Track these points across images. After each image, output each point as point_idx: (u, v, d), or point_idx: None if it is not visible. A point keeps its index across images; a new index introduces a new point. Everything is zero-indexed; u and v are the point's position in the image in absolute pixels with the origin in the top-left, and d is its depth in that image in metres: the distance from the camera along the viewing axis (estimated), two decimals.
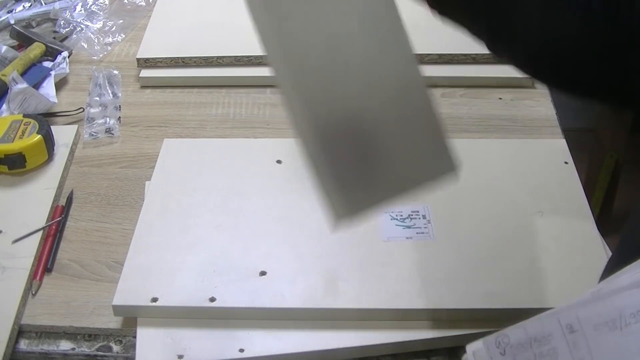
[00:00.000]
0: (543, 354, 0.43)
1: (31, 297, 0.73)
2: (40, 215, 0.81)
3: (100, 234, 0.80)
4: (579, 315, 0.42)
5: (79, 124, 0.95)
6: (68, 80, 1.04)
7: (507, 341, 0.43)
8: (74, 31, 1.11)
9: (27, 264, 0.75)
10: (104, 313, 0.71)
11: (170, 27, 1.09)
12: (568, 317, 0.42)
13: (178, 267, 0.72)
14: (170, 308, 0.69)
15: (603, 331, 0.42)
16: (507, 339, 0.43)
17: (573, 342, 0.42)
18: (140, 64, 1.03)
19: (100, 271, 0.76)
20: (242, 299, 0.69)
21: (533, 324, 0.43)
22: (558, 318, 0.43)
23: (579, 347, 0.42)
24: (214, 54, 1.02)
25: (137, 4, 1.17)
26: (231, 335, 0.68)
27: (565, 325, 0.42)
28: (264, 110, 0.97)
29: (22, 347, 0.70)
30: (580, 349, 0.42)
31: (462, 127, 0.92)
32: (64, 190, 0.86)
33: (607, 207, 1.67)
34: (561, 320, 0.43)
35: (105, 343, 0.70)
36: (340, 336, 0.67)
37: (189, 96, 1.00)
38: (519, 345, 0.43)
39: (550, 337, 0.42)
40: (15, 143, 0.84)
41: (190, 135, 0.93)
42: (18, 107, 0.94)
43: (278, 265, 0.72)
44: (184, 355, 0.66)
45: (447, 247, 0.74)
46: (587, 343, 0.42)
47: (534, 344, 0.43)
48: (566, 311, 0.43)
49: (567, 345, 0.42)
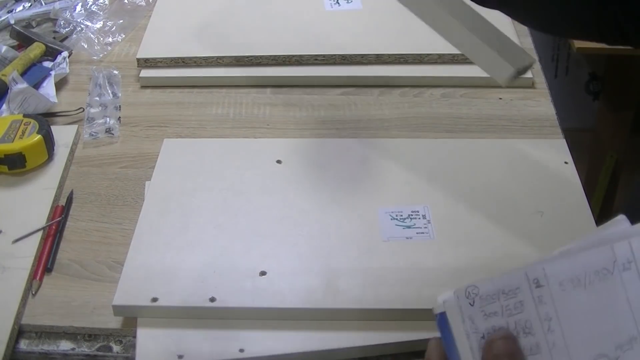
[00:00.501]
0: (510, 306, 0.44)
1: (31, 297, 0.73)
2: (40, 215, 0.81)
3: (100, 234, 0.80)
4: (545, 270, 0.43)
5: (79, 124, 0.95)
6: (68, 80, 1.04)
7: (477, 292, 0.44)
8: (74, 31, 1.11)
9: (27, 264, 0.75)
10: (104, 313, 0.71)
11: (170, 27, 1.09)
12: (535, 271, 0.43)
13: (178, 267, 0.72)
14: (170, 308, 0.69)
15: (568, 288, 0.43)
16: (477, 290, 0.44)
17: (539, 296, 0.43)
18: (140, 64, 1.03)
19: (100, 271, 0.76)
20: (242, 299, 0.69)
21: (502, 277, 0.44)
22: (525, 272, 0.44)
23: (545, 302, 0.43)
24: (214, 54, 1.03)
25: (137, 4, 1.17)
26: (231, 335, 0.68)
27: (532, 279, 0.43)
28: (264, 110, 0.97)
29: (22, 347, 0.70)
30: (546, 304, 0.43)
31: (462, 127, 0.92)
32: (64, 190, 0.86)
33: (607, 207, 1.68)
34: (528, 274, 0.44)
35: (105, 343, 0.70)
36: (340, 336, 0.67)
37: (189, 96, 1.00)
38: (487, 296, 0.44)
39: (517, 290, 0.43)
40: (15, 143, 0.84)
41: (190, 135, 0.93)
42: (18, 107, 0.94)
43: (278, 265, 0.72)
44: (184, 355, 0.66)
45: (447, 247, 0.74)
46: (552, 298, 0.43)
47: (501, 296, 0.44)
48: (534, 266, 0.44)
49: (533, 299, 0.43)
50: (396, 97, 0.99)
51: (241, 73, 1.02)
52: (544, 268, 0.43)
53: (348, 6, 1.13)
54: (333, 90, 1.00)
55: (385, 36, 1.05)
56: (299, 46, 1.03)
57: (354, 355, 0.67)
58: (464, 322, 0.44)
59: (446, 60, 1.02)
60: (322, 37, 1.05)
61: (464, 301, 0.44)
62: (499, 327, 0.44)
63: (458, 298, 0.45)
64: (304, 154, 0.86)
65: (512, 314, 0.44)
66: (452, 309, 0.45)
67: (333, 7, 1.13)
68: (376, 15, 1.10)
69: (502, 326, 0.43)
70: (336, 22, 1.09)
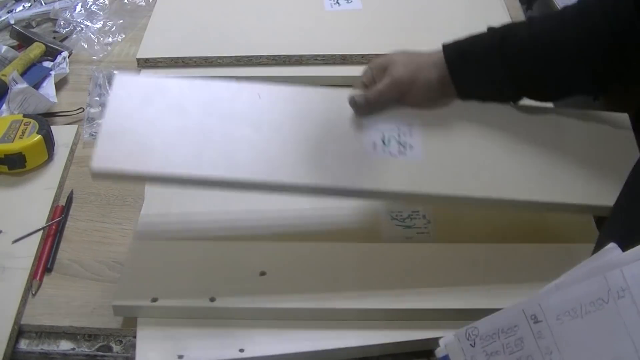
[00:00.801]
0: (510, 344, 0.45)
1: (31, 297, 0.73)
2: (40, 215, 0.81)
3: (100, 234, 0.80)
4: (542, 306, 0.45)
5: (79, 124, 0.95)
6: (68, 80, 1.04)
7: (477, 333, 0.46)
8: (74, 31, 1.11)
9: (27, 263, 0.75)
10: (104, 313, 0.71)
11: (170, 27, 1.09)
12: (532, 308, 0.45)
13: (178, 267, 0.72)
14: (170, 308, 0.69)
15: (565, 320, 0.44)
16: (477, 331, 0.46)
17: (538, 331, 0.45)
18: (140, 64, 1.03)
19: (100, 271, 0.76)
20: (242, 299, 0.69)
21: (500, 315, 0.46)
22: (522, 309, 0.45)
23: (544, 335, 0.44)
24: (214, 54, 1.03)
25: (137, 4, 1.17)
26: (231, 335, 0.68)
27: (529, 315, 0.45)
28: None
29: (22, 347, 0.70)
30: (545, 337, 0.44)
31: None
32: (64, 190, 0.86)
33: None
34: (526, 312, 0.45)
35: (105, 343, 0.70)
36: (340, 336, 0.67)
37: None
38: (487, 336, 0.45)
39: (516, 327, 0.45)
40: (16, 143, 0.84)
41: None
42: (18, 107, 0.94)
43: (278, 265, 0.72)
44: (184, 355, 0.66)
45: (447, 247, 0.74)
46: (551, 332, 0.44)
47: (501, 334, 0.45)
48: (530, 302, 0.45)
49: (532, 334, 0.45)
50: None
51: (241, 73, 1.02)
52: (539, 304, 0.45)
53: (348, 6, 1.13)
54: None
55: (385, 36, 1.05)
56: (299, 46, 1.03)
57: (354, 355, 0.67)
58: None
59: None
60: (322, 37, 1.05)
61: (465, 343, 0.46)
62: None
63: (459, 340, 0.46)
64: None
65: (514, 351, 0.45)
66: (454, 352, 0.46)
67: (333, 7, 1.13)
68: (376, 15, 1.10)
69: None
70: (336, 22, 1.09)
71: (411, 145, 0.72)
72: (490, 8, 1.12)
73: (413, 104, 0.75)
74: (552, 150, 0.73)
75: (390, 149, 0.72)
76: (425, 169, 0.70)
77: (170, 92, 0.74)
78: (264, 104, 0.74)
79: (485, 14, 1.11)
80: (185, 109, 0.73)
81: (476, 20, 1.08)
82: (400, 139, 0.73)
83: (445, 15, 1.10)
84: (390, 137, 0.73)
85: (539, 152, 0.73)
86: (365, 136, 0.72)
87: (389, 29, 1.07)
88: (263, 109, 0.74)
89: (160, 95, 0.74)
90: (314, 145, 0.71)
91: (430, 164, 0.71)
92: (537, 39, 0.71)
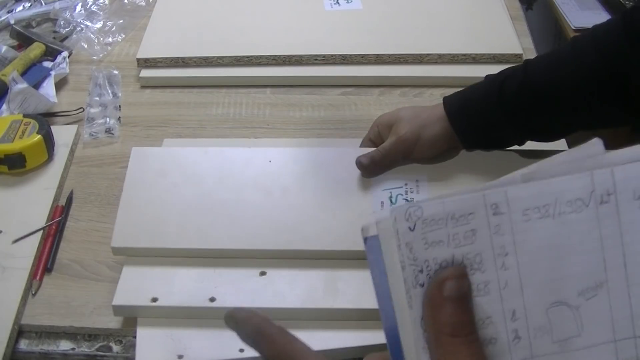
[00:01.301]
0: (459, 235, 0.36)
1: (31, 297, 0.73)
2: (40, 215, 0.81)
3: (100, 234, 0.80)
4: (508, 194, 0.36)
5: (79, 124, 0.95)
6: (68, 80, 1.04)
7: (419, 214, 0.35)
8: (74, 31, 1.11)
9: (27, 264, 0.75)
10: (104, 313, 0.71)
11: (170, 27, 1.09)
12: (496, 195, 0.36)
13: (178, 267, 0.72)
14: (170, 308, 0.69)
15: (533, 217, 0.36)
16: (420, 212, 0.35)
17: (496, 225, 0.36)
18: (140, 64, 1.03)
19: (100, 271, 0.76)
20: (242, 299, 0.69)
21: (453, 197, 0.36)
22: (484, 194, 0.36)
23: (502, 232, 0.36)
24: (214, 54, 1.03)
25: (137, 4, 1.17)
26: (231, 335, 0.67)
27: (490, 204, 0.36)
28: (264, 110, 0.97)
29: (22, 347, 0.70)
30: (503, 235, 0.36)
31: None
32: (64, 190, 0.86)
33: None
34: (487, 198, 0.36)
35: (105, 343, 0.70)
36: (340, 336, 0.67)
37: (189, 96, 1.00)
38: (432, 221, 0.35)
39: (471, 216, 0.36)
40: (15, 143, 0.84)
41: (190, 135, 0.93)
42: (18, 107, 0.94)
43: (278, 265, 0.72)
44: (184, 355, 0.66)
45: None
46: (512, 229, 0.36)
47: (450, 222, 0.35)
48: (494, 188, 0.36)
49: (488, 228, 0.36)
50: (396, 97, 0.99)
51: (241, 73, 1.02)
52: (506, 191, 0.36)
53: (348, 6, 1.13)
54: (333, 90, 1.00)
55: (385, 36, 1.05)
56: (299, 46, 1.03)
57: (354, 355, 0.67)
58: (400, 250, 0.36)
59: (446, 60, 1.02)
60: (322, 37, 1.05)
61: (403, 224, 0.36)
62: (442, 259, 0.36)
63: (395, 220, 0.36)
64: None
65: (461, 244, 0.36)
66: (386, 233, 0.36)
67: (333, 7, 1.13)
68: (376, 15, 1.10)
69: (446, 259, 0.36)
70: (336, 22, 1.09)
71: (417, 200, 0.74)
72: (490, 8, 1.12)
73: (420, 159, 0.78)
74: None
75: None
76: None
77: (186, 161, 0.80)
78: (275, 168, 0.79)
79: (485, 14, 1.11)
80: (200, 179, 0.78)
81: (476, 20, 1.09)
82: (407, 196, 0.76)
83: (445, 15, 1.10)
84: (398, 194, 0.76)
85: None
86: (374, 197, 0.76)
87: (389, 29, 1.07)
88: (274, 173, 0.79)
89: (175, 166, 0.79)
90: (322, 207, 0.75)
91: None
92: (532, 81, 0.72)
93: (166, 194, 0.76)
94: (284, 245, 0.73)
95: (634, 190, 0.36)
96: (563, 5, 1.39)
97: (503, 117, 0.74)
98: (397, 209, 0.35)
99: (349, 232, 0.73)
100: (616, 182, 0.36)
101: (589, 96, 0.70)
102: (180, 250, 0.73)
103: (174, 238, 0.73)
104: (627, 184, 0.36)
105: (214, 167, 0.79)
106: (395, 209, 0.35)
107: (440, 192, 0.73)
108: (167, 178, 0.78)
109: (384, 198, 0.76)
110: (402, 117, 0.78)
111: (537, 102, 0.72)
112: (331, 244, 0.73)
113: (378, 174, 0.77)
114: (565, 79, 0.71)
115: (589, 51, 0.70)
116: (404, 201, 0.75)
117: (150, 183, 0.77)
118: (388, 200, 0.75)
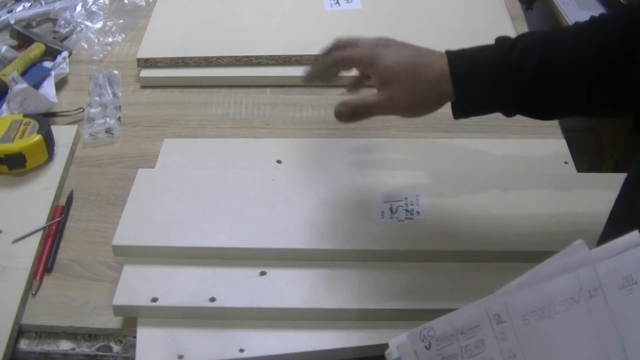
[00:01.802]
0: (470, 346, 0.41)
1: (31, 297, 0.73)
2: (40, 215, 0.81)
3: (100, 234, 0.80)
4: (507, 304, 0.41)
5: (79, 124, 0.95)
6: (68, 80, 1.04)
7: (432, 334, 0.41)
8: (74, 31, 1.11)
9: (27, 263, 0.75)
10: (104, 313, 0.71)
11: (170, 27, 1.09)
12: (496, 306, 0.41)
13: (178, 267, 0.72)
14: (170, 308, 0.69)
15: (532, 320, 0.41)
16: (432, 332, 0.41)
17: (501, 332, 0.41)
18: (140, 64, 1.03)
19: (100, 271, 0.76)
20: (242, 299, 0.69)
21: (459, 314, 0.41)
22: (485, 308, 0.41)
23: (508, 337, 0.41)
24: (214, 54, 1.03)
25: (137, 4, 1.17)
26: (231, 335, 0.68)
27: (492, 315, 0.41)
28: (264, 110, 0.97)
29: (22, 347, 0.70)
30: (509, 339, 0.41)
31: (462, 127, 0.92)
32: (64, 190, 0.86)
33: None
34: (488, 310, 0.41)
35: (105, 343, 0.70)
36: (340, 336, 0.67)
37: (189, 96, 1.00)
38: (444, 337, 0.41)
39: (477, 328, 0.41)
40: (15, 143, 0.84)
41: (190, 135, 0.93)
42: (18, 107, 0.94)
43: (278, 265, 0.72)
44: (184, 355, 0.66)
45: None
46: (516, 333, 0.41)
47: (460, 336, 0.41)
48: (493, 300, 0.41)
49: (495, 336, 0.41)
50: None
51: (241, 73, 1.02)
52: (504, 302, 0.41)
53: (348, 6, 1.13)
54: (333, 90, 1.00)
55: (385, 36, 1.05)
56: (299, 46, 1.03)
57: (354, 355, 0.67)
58: None
59: None
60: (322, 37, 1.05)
61: (419, 345, 0.41)
62: None
63: (412, 342, 0.42)
64: (304, 154, 0.86)
65: (473, 354, 0.41)
66: (407, 355, 0.42)
67: (333, 7, 1.13)
68: (376, 15, 1.10)
69: None
70: (336, 22, 1.09)
71: (418, 211, 0.76)
72: (490, 8, 1.12)
73: (401, 116, 0.74)
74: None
75: (397, 216, 0.75)
76: (431, 230, 0.74)
77: (190, 180, 0.81)
78: (278, 185, 0.80)
79: (485, 14, 1.11)
80: (203, 193, 0.79)
81: (476, 20, 1.09)
82: (408, 207, 0.76)
83: (445, 15, 1.10)
84: (398, 206, 0.76)
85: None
86: (374, 209, 0.76)
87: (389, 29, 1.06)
88: (276, 190, 0.79)
89: (179, 184, 0.80)
90: (325, 217, 0.76)
91: (436, 225, 0.75)
92: (551, 66, 0.67)
93: (170, 204, 0.77)
94: (284, 245, 0.73)
95: (617, 282, 0.41)
96: (563, 5, 1.39)
97: (510, 95, 0.68)
98: (412, 333, 0.41)
99: (349, 233, 0.73)
100: (600, 277, 0.41)
101: (605, 87, 0.66)
102: (180, 249, 0.73)
103: (174, 237, 0.73)
104: (609, 277, 0.41)
105: (218, 183, 0.80)
106: (411, 333, 0.41)
107: (440, 206, 0.76)
108: (171, 193, 0.79)
109: (385, 209, 0.76)
110: (398, 77, 0.70)
111: (551, 88, 0.67)
112: (331, 244, 0.73)
113: (355, 122, 0.72)
114: (584, 64, 0.66)
115: (609, 29, 0.67)
116: (405, 212, 0.76)
117: (154, 196, 0.78)
118: (389, 212, 0.76)
